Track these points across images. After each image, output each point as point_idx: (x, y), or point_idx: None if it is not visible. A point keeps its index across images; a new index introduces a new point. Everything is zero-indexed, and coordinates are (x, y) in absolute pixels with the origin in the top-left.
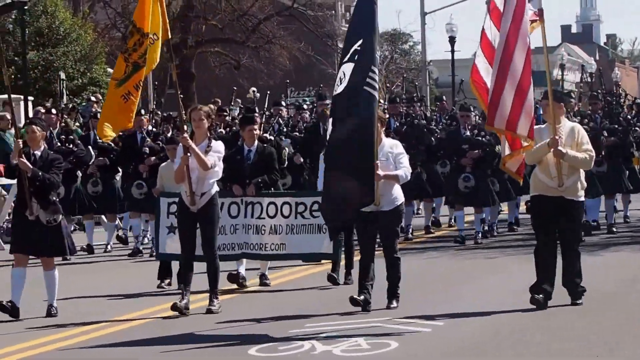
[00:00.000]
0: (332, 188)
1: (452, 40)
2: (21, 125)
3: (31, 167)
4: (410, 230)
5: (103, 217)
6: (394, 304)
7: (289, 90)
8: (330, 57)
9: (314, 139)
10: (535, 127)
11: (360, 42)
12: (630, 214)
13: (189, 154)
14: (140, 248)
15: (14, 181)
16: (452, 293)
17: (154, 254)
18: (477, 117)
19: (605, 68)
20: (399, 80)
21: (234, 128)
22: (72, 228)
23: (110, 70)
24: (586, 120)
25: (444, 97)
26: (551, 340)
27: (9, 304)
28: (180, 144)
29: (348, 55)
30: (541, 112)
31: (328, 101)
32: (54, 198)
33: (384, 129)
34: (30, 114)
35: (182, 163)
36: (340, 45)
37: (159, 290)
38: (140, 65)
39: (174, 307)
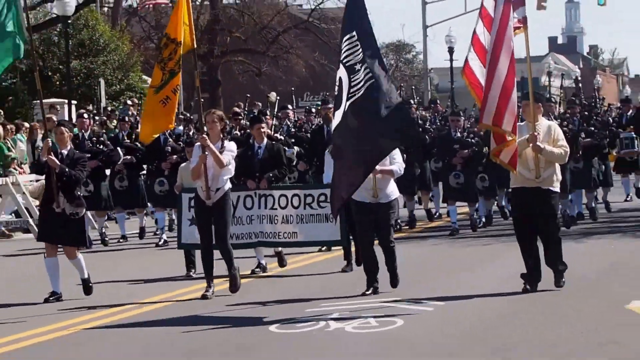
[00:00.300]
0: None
1: (450, 50)
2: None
3: (59, 164)
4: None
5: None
6: (396, 284)
7: (305, 94)
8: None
9: (319, 140)
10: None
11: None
12: (612, 206)
13: (206, 153)
14: (165, 238)
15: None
16: (452, 278)
17: (163, 241)
18: (467, 121)
19: (588, 75)
20: (403, 85)
21: (248, 130)
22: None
23: (145, 77)
24: (565, 122)
25: (437, 100)
26: (538, 325)
27: (52, 296)
28: (197, 143)
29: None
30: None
31: (330, 105)
32: (79, 193)
33: None
34: (74, 117)
35: (199, 161)
36: None
37: (183, 276)
38: (176, 71)
39: (203, 297)
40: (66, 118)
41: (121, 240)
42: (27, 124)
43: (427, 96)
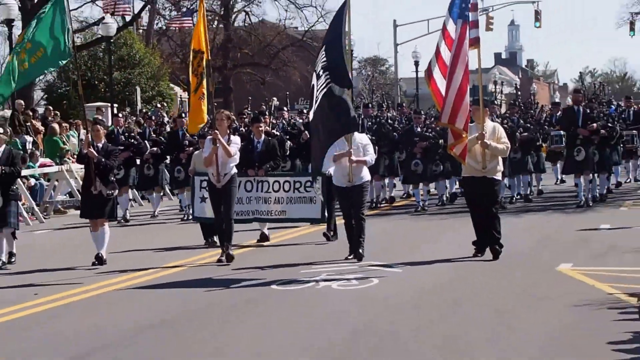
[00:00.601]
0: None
1: (416, 63)
2: (109, 124)
3: (96, 155)
4: (376, 201)
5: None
6: (360, 251)
7: (300, 99)
8: None
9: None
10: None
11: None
12: (542, 188)
13: (217, 145)
14: (189, 213)
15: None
16: (417, 246)
17: (191, 217)
18: (426, 118)
19: (526, 84)
20: (378, 92)
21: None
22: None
23: (172, 85)
24: (505, 121)
25: (404, 104)
26: (484, 284)
27: (97, 258)
28: (209, 137)
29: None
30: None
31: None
32: (112, 178)
33: None
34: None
35: (211, 152)
36: None
37: (197, 245)
38: (204, 75)
39: (219, 262)
40: (109, 118)
41: (152, 217)
42: (78, 123)
43: (397, 100)
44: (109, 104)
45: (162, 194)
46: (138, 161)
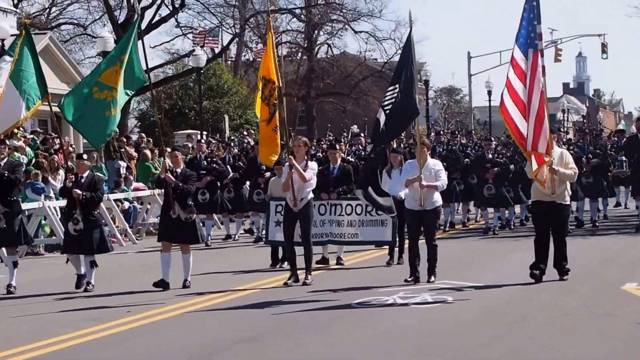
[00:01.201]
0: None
1: (489, 93)
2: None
3: (174, 180)
4: (447, 224)
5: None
6: (432, 278)
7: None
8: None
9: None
10: None
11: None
12: (609, 213)
13: (293, 171)
14: (262, 236)
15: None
16: (486, 264)
17: (263, 240)
18: (497, 145)
19: (593, 112)
20: (452, 120)
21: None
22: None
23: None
24: (572, 147)
25: (472, 131)
26: (548, 302)
27: (161, 281)
28: (286, 163)
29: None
30: None
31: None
32: (190, 202)
33: (429, 152)
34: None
35: (287, 177)
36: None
37: (270, 268)
38: (276, 105)
39: (285, 285)
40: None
41: (231, 239)
42: (168, 149)
43: (471, 128)
44: (199, 131)
45: (243, 218)
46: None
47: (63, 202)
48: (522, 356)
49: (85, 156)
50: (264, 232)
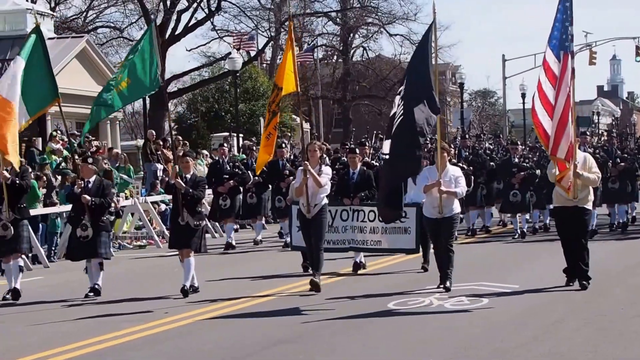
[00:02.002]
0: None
1: (523, 95)
2: (235, 153)
3: (183, 185)
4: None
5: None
6: (448, 283)
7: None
8: (442, 107)
9: None
10: None
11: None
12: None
13: (307, 176)
14: (288, 241)
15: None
16: (520, 266)
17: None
18: (524, 149)
19: (627, 115)
20: (488, 122)
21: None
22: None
23: (294, 116)
24: (597, 150)
25: (500, 135)
26: (581, 303)
27: (184, 289)
28: (300, 167)
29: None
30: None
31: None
32: (200, 209)
33: (449, 158)
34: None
35: (302, 182)
36: (448, 98)
37: (297, 272)
38: (276, 112)
39: (311, 282)
40: (235, 147)
41: (255, 244)
42: (205, 152)
43: (506, 131)
44: (235, 134)
45: (263, 221)
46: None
47: None
48: (562, 357)
49: (90, 160)
50: (287, 235)
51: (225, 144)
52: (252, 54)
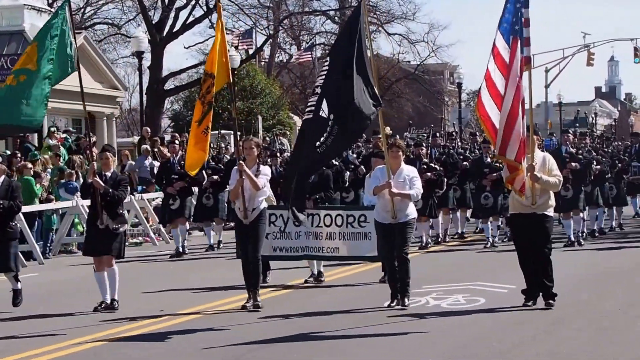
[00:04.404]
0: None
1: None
2: (232, 151)
3: (103, 185)
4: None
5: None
6: (406, 300)
7: (411, 128)
8: (439, 107)
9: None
10: None
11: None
12: (623, 222)
13: (243, 177)
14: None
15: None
16: (513, 270)
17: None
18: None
19: (624, 115)
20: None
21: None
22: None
23: (292, 114)
24: (580, 151)
25: (477, 133)
26: (583, 304)
27: (101, 304)
28: (234, 168)
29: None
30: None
31: (379, 135)
32: (121, 211)
33: (404, 156)
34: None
35: (237, 184)
36: (446, 98)
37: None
38: (213, 104)
39: (243, 308)
40: (232, 145)
41: (208, 249)
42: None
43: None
44: (232, 132)
45: (222, 226)
46: (196, 190)
47: None
48: (562, 357)
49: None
50: None
51: (176, 141)
52: (250, 52)
